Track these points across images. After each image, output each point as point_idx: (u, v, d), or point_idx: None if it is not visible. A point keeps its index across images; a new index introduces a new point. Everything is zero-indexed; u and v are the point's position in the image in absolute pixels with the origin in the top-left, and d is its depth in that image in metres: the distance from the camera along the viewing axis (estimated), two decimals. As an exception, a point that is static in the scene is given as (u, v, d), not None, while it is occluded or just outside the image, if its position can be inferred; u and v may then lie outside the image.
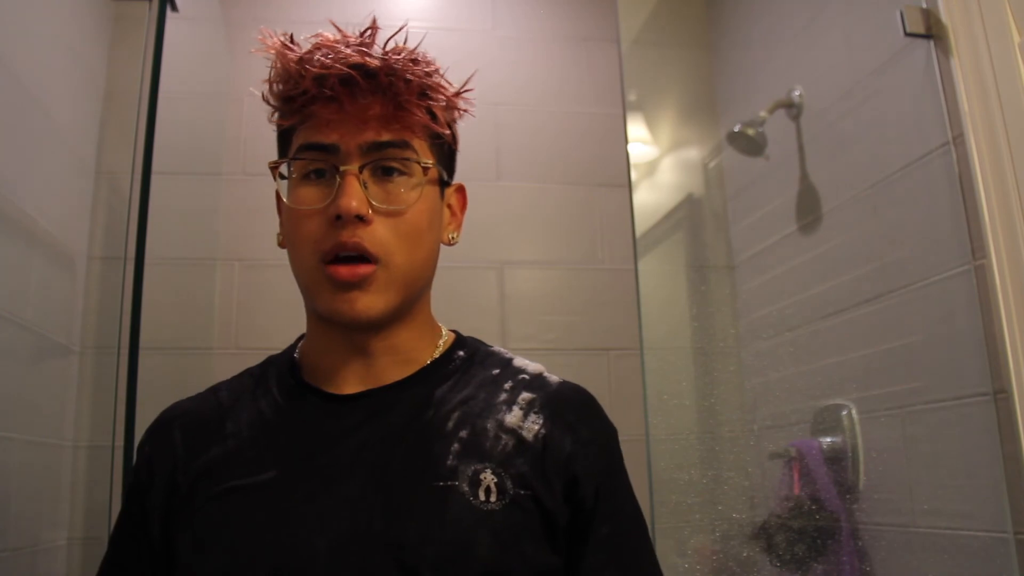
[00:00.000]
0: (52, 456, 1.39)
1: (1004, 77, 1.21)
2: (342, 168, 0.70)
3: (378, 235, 0.70)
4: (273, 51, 0.73)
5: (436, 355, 0.78)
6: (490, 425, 0.72)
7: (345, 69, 0.69)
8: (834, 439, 1.53)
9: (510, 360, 0.80)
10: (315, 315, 0.76)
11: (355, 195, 0.69)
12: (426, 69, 0.73)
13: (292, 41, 0.74)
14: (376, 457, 0.69)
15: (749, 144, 1.76)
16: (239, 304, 1.72)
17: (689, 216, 2.03)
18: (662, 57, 2.09)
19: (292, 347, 0.83)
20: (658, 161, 2.06)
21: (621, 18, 1.96)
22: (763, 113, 1.73)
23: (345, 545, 0.64)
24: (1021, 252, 1.16)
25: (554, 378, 0.79)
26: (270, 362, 0.82)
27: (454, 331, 0.84)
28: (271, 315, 1.69)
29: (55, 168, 1.46)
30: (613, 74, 1.99)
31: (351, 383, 0.75)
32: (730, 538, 1.62)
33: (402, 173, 0.72)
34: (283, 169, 0.75)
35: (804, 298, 1.66)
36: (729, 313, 1.91)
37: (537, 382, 0.77)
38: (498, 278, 1.83)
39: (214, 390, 0.80)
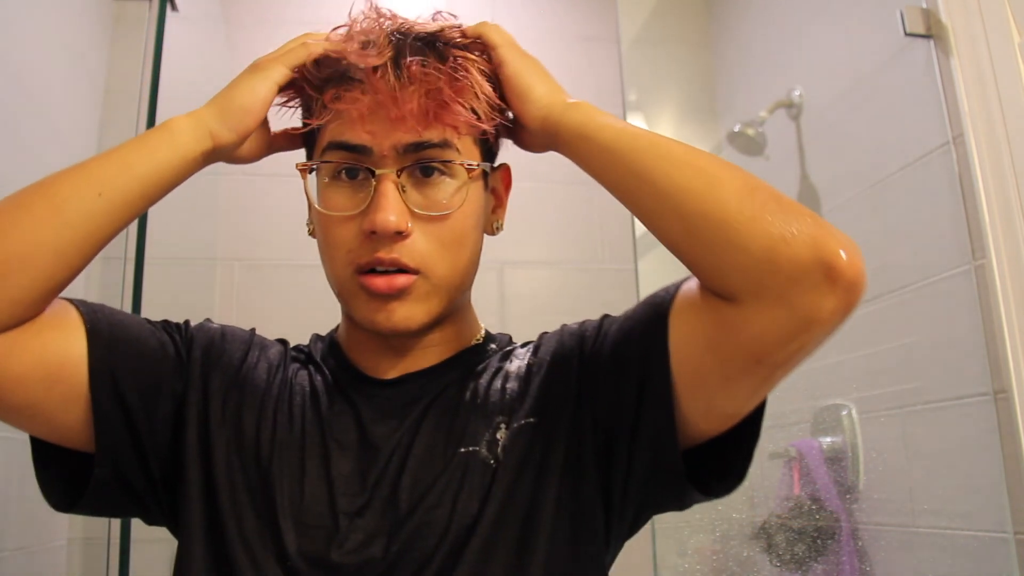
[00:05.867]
0: (52, 456, 1.39)
1: (1004, 77, 1.21)
2: (377, 172, 0.65)
3: (418, 247, 0.66)
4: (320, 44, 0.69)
5: (472, 343, 0.77)
6: (499, 383, 0.72)
7: (392, 35, 0.65)
8: (834, 439, 1.53)
9: (527, 342, 0.79)
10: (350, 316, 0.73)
11: (392, 208, 0.64)
12: (477, 57, 0.69)
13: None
14: (405, 436, 0.69)
15: (749, 144, 1.76)
16: (239, 304, 1.72)
17: (689, 216, 2.03)
18: (662, 57, 2.09)
19: (332, 331, 0.81)
20: (658, 161, 2.05)
21: (621, 18, 1.96)
22: (763, 113, 1.73)
23: (372, 522, 0.65)
24: (1021, 252, 1.16)
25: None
26: (316, 338, 0.81)
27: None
28: (271, 315, 1.69)
29: (55, 168, 1.46)
30: (613, 74, 1.98)
31: (389, 368, 0.73)
32: (730, 538, 1.62)
33: (443, 173, 0.67)
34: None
35: (804, 298, 1.66)
36: (729, 313, 1.91)
37: (539, 337, 0.78)
38: (498, 278, 1.83)
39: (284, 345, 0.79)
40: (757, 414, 0.64)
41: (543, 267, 1.86)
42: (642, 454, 0.65)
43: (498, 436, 0.68)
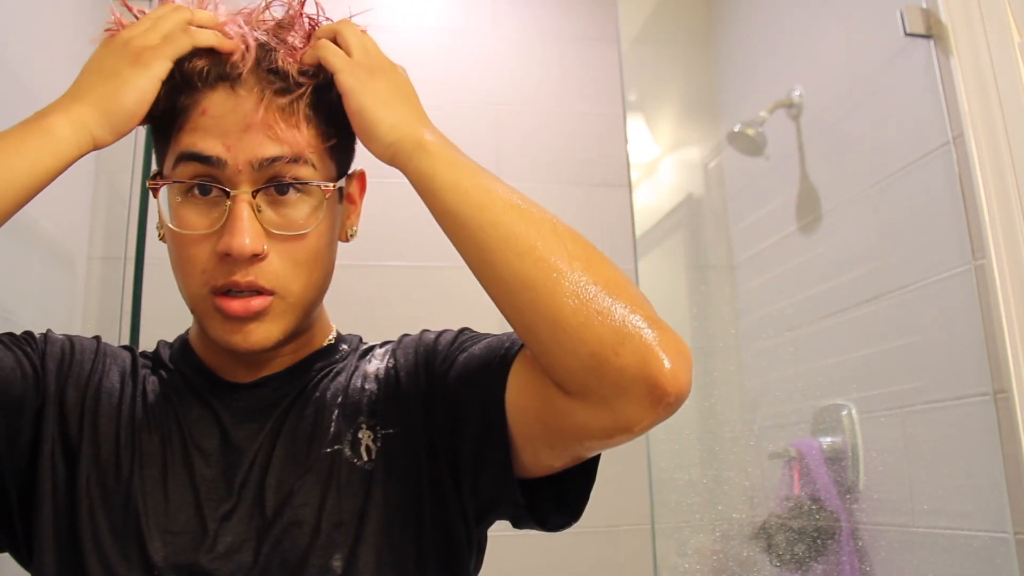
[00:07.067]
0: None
1: (1004, 77, 1.21)
2: (232, 192, 0.63)
3: (274, 268, 0.65)
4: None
5: (324, 344, 0.77)
6: (358, 382, 0.73)
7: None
8: (834, 439, 1.53)
9: (385, 342, 0.79)
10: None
11: (247, 231, 0.62)
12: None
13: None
14: (268, 438, 0.69)
15: (749, 144, 1.76)
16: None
17: (689, 216, 2.03)
18: (662, 57, 2.09)
19: (183, 334, 0.79)
20: (658, 161, 2.06)
21: (621, 18, 1.96)
22: (763, 113, 1.73)
23: (240, 525, 0.65)
24: (1021, 252, 1.16)
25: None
26: (164, 344, 0.79)
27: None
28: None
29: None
30: (613, 74, 1.98)
31: (246, 373, 0.73)
32: (730, 538, 1.62)
33: (299, 191, 0.66)
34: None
35: (804, 298, 1.66)
36: (729, 313, 1.91)
37: (398, 339, 0.78)
38: (498, 278, 1.83)
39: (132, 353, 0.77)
40: (594, 459, 0.66)
41: (543, 267, 1.86)
42: (485, 486, 0.67)
43: (360, 436, 0.69)
